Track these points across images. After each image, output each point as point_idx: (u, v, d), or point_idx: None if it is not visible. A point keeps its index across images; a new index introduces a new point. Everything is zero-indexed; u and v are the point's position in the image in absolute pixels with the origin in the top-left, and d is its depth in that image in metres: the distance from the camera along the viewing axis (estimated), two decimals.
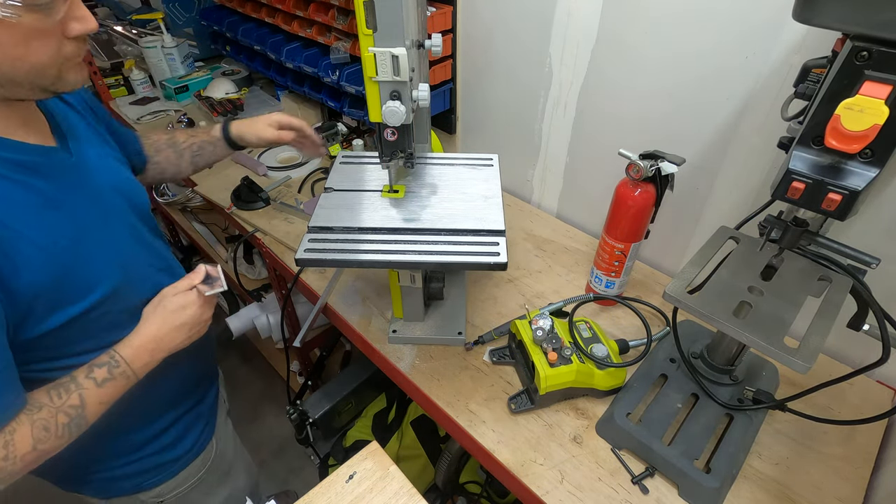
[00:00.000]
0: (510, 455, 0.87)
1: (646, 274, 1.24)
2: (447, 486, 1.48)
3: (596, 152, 1.26)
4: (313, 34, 1.51)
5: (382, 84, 0.76)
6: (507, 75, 1.34)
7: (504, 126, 1.44)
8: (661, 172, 0.93)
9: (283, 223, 1.39)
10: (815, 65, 0.66)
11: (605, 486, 0.83)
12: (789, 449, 0.87)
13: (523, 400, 0.94)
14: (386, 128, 0.83)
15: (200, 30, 2.20)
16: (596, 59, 1.14)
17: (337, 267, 0.84)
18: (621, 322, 1.11)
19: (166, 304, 0.77)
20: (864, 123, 0.54)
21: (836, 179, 0.60)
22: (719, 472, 0.79)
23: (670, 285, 0.77)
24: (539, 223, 1.41)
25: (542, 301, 1.15)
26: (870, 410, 0.89)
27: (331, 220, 0.89)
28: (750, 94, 0.94)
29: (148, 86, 2.09)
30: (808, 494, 0.81)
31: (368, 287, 1.21)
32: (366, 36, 0.72)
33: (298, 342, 1.21)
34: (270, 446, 1.99)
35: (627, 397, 0.90)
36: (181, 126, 1.74)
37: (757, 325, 0.71)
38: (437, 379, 1.00)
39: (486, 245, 0.83)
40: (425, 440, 1.58)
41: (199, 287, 0.78)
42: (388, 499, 0.75)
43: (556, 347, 0.90)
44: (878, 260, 0.71)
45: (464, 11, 1.34)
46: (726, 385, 0.88)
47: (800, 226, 0.72)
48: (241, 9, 1.76)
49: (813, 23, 0.57)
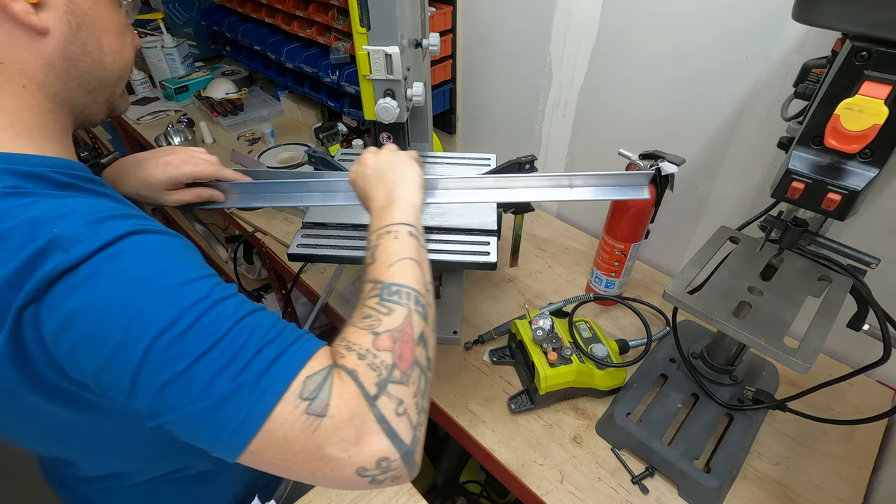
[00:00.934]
0: (510, 455, 0.87)
1: (646, 274, 1.24)
2: (447, 486, 1.48)
3: (596, 152, 1.26)
4: (313, 34, 1.51)
5: (376, 82, 0.77)
6: (507, 75, 1.34)
7: (504, 126, 1.44)
8: (661, 172, 0.93)
9: (283, 223, 1.39)
10: (814, 65, 0.66)
11: (605, 486, 0.83)
12: (789, 449, 0.87)
13: (523, 400, 0.94)
14: (381, 131, 0.84)
15: (200, 30, 2.20)
16: (596, 59, 1.14)
17: (328, 262, 0.84)
18: (621, 322, 1.11)
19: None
20: (864, 123, 0.54)
21: (836, 179, 0.60)
22: (719, 471, 0.79)
23: (670, 285, 0.77)
24: (539, 223, 1.41)
25: (542, 301, 1.15)
26: (870, 410, 0.89)
27: (325, 216, 0.89)
28: (750, 93, 0.94)
29: (148, 86, 2.09)
30: (808, 494, 0.81)
31: None
32: (360, 34, 0.73)
33: None
34: None
35: (627, 397, 0.90)
36: (181, 126, 1.74)
37: (757, 325, 0.71)
38: (437, 379, 0.99)
39: (478, 244, 0.83)
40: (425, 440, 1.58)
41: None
42: (388, 499, 0.75)
43: (556, 347, 0.90)
44: (878, 260, 0.71)
45: (463, 11, 1.34)
46: (726, 385, 0.88)
47: (800, 226, 0.72)
48: (241, 9, 1.76)
49: (813, 23, 0.57)
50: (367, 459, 0.42)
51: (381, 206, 0.63)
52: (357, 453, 0.42)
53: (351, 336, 0.49)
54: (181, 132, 1.71)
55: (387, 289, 0.53)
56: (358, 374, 0.45)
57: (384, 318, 0.50)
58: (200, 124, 1.75)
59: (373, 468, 0.43)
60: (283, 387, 0.42)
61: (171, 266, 0.45)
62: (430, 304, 0.55)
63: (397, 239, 0.58)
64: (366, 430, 0.43)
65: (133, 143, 2.21)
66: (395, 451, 0.43)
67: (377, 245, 0.58)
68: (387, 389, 0.45)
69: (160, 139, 1.71)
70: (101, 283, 0.41)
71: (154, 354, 0.41)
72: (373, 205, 0.65)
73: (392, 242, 0.58)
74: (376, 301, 0.52)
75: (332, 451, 0.42)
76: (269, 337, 0.44)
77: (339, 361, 0.46)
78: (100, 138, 2.60)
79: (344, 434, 0.42)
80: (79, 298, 0.41)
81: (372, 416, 0.43)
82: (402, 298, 0.52)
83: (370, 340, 0.48)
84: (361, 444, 0.42)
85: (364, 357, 0.46)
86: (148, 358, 0.40)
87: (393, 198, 0.63)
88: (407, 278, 0.54)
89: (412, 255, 0.57)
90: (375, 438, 0.43)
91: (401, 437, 0.44)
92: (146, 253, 0.44)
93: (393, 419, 0.44)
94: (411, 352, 0.48)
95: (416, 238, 0.59)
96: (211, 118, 1.85)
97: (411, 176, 0.67)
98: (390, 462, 0.43)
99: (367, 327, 0.49)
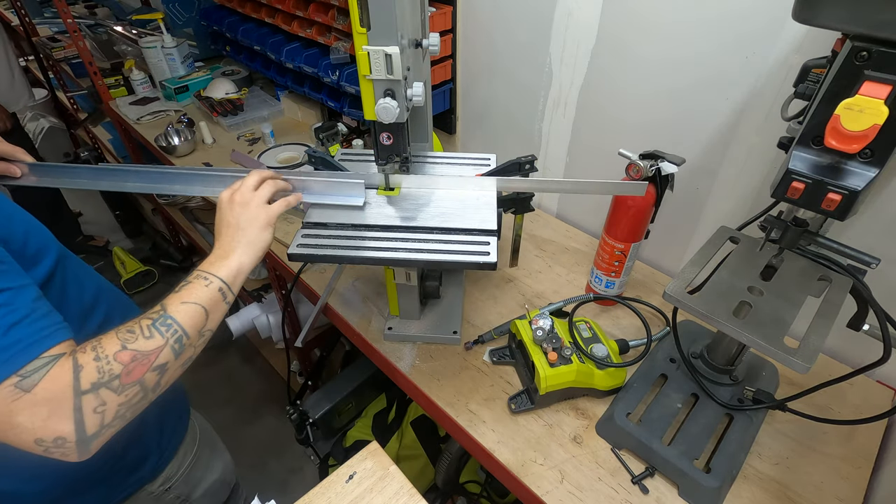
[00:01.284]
0: (510, 455, 0.87)
1: (646, 274, 1.24)
2: (447, 486, 1.48)
3: (596, 152, 1.26)
4: (313, 34, 1.51)
5: (376, 82, 0.77)
6: (507, 75, 1.34)
7: (504, 126, 1.44)
8: (661, 172, 0.93)
9: (283, 223, 1.39)
10: (814, 65, 0.66)
11: (605, 486, 0.83)
12: (789, 449, 0.87)
13: (523, 400, 0.94)
14: (381, 132, 0.84)
15: (200, 30, 2.20)
16: (596, 59, 1.14)
17: (327, 262, 0.84)
18: (621, 322, 1.11)
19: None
20: (864, 123, 0.54)
21: (836, 179, 0.60)
22: (719, 471, 0.79)
23: (670, 285, 0.77)
24: (539, 223, 1.41)
25: (542, 301, 1.16)
26: (870, 410, 0.89)
27: (325, 216, 0.89)
28: (750, 94, 0.94)
29: (148, 86, 2.09)
30: (808, 494, 0.81)
31: (368, 287, 1.21)
32: (360, 34, 0.73)
33: (300, 342, 1.21)
34: (270, 446, 1.99)
35: (627, 397, 0.90)
36: (181, 126, 1.74)
37: (757, 325, 0.71)
38: (437, 379, 1.00)
39: (478, 244, 0.83)
40: (425, 440, 1.58)
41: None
42: (388, 499, 0.75)
43: (556, 347, 0.90)
44: (878, 260, 0.71)
45: (463, 11, 1.34)
46: (726, 385, 0.88)
47: (800, 226, 0.72)
48: (241, 9, 1.76)
49: (813, 23, 0.57)
50: (47, 434, 0.52)
51: (218, 254, 0.72)
52: (42, 427, 0.52)
53: (105, 340, 0.58)
54: (181, 132, 1.71)
55: (163, 318, 0.62)
56: (81, 370, 0.54)
57: (141, 339, 0.59)
58: (200, 124, 1.75)
59: (49, 442, 0.53)
60: (14, 366, 0.52)
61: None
62: (191, 346, 0.64)
63: (207, 287, 0.67)
64: (59, 413, 0.53)
65: (133, 143, 2.21)
66: (75, 435, 0.53)
67: (190, 281, 0.67)
68: (98, 390, 0.55)
69: (160, 139, 1.71)
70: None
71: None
72: (216, 245, 0.74)
73: (200, 287, 0.67)
74: (148, 323, 0.61)
75: (21, 420, 0.51)
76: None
77: (77, 353, 0.56)
78: (100, 138, 2.60)
79: (37, 410, 0.52)
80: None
81: (71, 404, 0.53)
82: (167, 331, 0.61)
83: (115, 350, 0.57)
84: (49, 421, 0.52)
85: (98, 360, 0.56)
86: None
87: (229, 255, 0.71)
88: (186, 319, 0.63)
89: (206, 305, 0.66)
90: (63, 422, 0.53)
91: (85, 427, 0.54)
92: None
93: (88, 413, 0.54)
94: (141, 373, 0.58)
95: (223, 294, 0.68)
96: (211, 118, 1.85)
97: (258, 244, 0.74)
98: (65, 442, 0.53)
99: (123, 339, 0.59)
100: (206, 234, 2.22)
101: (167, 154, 1.71)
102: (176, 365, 0.63)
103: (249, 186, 0.77)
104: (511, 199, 0.96)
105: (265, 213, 0.76)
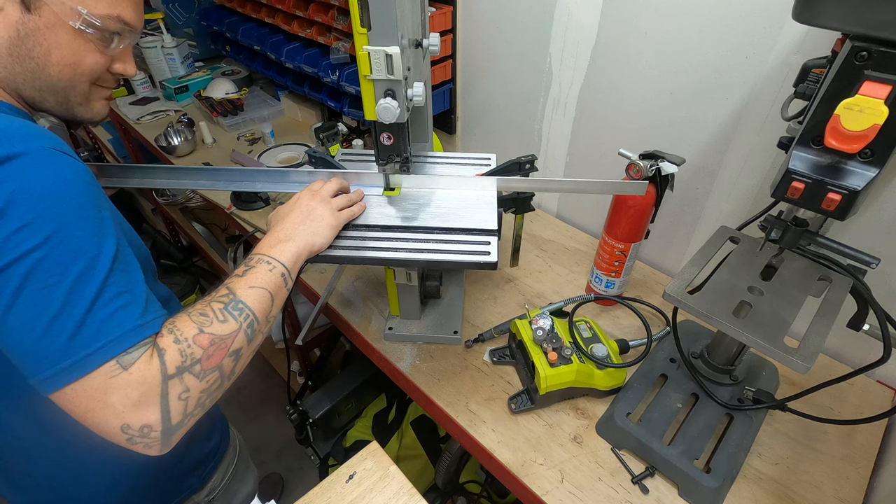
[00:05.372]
0: (510, 455, 0.87)
1: (646, 274, 1.24)
2: (447, 486, 1.48)
3: (596, 152, 1.26)
4: (313, 34, 1.51)
5: (377, 82, 0.77)
6: (507, 75, 1.34)
7: (504, 126, 1.44)
8: (661, 172, 0.93)
9: None
10: (814, 65, 0.66)
11: (605, 485, 0.83)
12: (789, 449, 0.87)
13: (523, 400, 0.94)
14: (382, 132, 0.84)
15: (200, 30, 2.20)
16: (596, 59, 1.14)
17: (328, 262, 0.84)
18: (621, 322, 1.11)
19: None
20: (864, 123, 0.54)
21: (836, 179, 0.60)
22: (719, 471, 0.79)
23: (670, 285, 0.77)
24: (539, 223, 1.41)
25: (543, 301, 1.16)
26: (870, 410, 0.89)
27: None
28: (750, 94, 0.94)
29: (148, 86, 2.09)
30: (808, 494, 0.81)
31: (368, 287, 1.21)
32: (360, 34, 0.73)
33: (301, 341, 1.21)
34: (270, 446, 1.99)
35: (627, 397, 0.90)
36: (181, 126, 1.74)
37: (757, 325, 0.71)
38: (438, 379, 1.00)
39: (478, 244, 0.83)
40: (425, 440, 1.58)
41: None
42: (388, 499, 0.75)
43: (556, 347, 0.90)
44: (878, 260, 0.71)
45: (463, 11, 1.34)
46: (726, 385, 0.88)
47: (800, 226, 0.72)
48: (241, 9, 1.76)
49: (813, 23, 0.57)
50: (135, 420, 0.50)
51: (279, 236, 0.72)
52: (131, 412, 0.50)
53: (180, 323, 0.57)
54: (181, 132, 1.71)
55: (234, 302, 0.61)
56: (164, 353, 0.53)
57: (216, 323, 0.58)
58: (200, 124, 1.75)
59: (135, 430, 0.51)
60: (122, 346, 0.51)
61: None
62: (260, 332, 0.63)
63: (271, 272, 0.67)
64: (148, 398, 0.51)
65: (133, 143, 2.21)
66: (161, 424, 0.52)
67: (253, 266, 0.67)
68: (182, 375, 0.53)
69: (160, 139, 1.71)
70: None
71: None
72: (276, 228, 0.74)
73: (264, 271, 0.66)
74: (220, 307, 0.60)
75: (113, 400, 0.49)
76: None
77: (157, 339, 0.54)
78: (100, 138, 2.60)
79: (129, 392, 0.50)
80: None
81: (159, 389, 0.51)
82: (240, 315, 0.60)
83: (193, 333, 0.56)
84: (138, 406, 0.50)
85: (179, 343, 0.54)
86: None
87: (290, 238, 0.72)
88: (255, 304, 0.62)
89: (271, 289, 0.65)
90: (150, 408, 0.51)
91: (171, 416, 0.52)
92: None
93: (173, 399, 0.52)
94: (220, 358, 0.57)
95: (284, 279, 0.68)
96: (211, 118, 1.85)
97: (317, 239, 0.75)
98: (151, 431, 0.51)
99: (198, 323, 0.57)
100: (207, 235, 2.22)
101: (167, 154, 1.70)
102: (248, 351, 0.61)
103: (330, 191, 0.82)
104: (511, 198, 0.96)
105: (335, 217, 0.79)
